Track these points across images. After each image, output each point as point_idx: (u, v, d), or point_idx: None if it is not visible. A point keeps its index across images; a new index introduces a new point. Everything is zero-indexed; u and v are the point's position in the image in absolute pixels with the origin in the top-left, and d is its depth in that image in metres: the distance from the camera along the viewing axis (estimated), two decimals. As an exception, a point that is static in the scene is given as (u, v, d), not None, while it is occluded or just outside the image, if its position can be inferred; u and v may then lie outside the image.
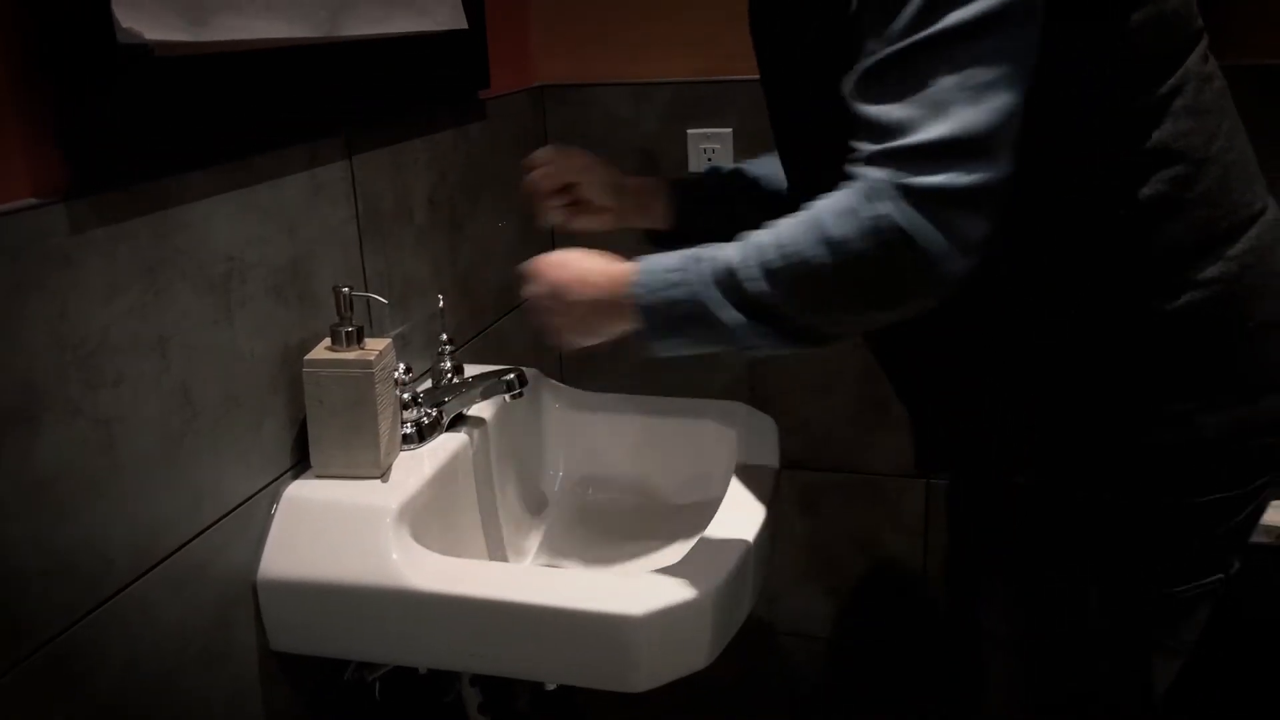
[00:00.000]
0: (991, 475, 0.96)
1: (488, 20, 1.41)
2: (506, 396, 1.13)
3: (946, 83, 0.72)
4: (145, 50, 0.82)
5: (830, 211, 0.77)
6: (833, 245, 0.76)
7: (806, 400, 1.67)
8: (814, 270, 0.78)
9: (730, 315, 0.82)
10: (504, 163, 1.52)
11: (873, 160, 0.75)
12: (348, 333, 1.01)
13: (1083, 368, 0.87)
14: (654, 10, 1.58)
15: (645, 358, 0.91)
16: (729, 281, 0.82)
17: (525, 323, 1.59)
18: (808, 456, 1.70)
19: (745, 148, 1.59)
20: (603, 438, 1.32)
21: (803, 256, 0.78)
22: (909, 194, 0.73)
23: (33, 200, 0.76)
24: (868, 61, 0.76)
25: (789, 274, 0.79)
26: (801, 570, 1.77)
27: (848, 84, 0.78)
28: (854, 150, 0.77)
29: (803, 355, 1.65)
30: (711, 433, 1.26)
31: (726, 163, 1.42)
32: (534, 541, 1.25)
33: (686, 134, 1.61)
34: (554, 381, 1.36)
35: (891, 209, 0.73)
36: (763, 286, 0.80)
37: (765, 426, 1.23)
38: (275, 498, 1.00)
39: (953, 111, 0.72)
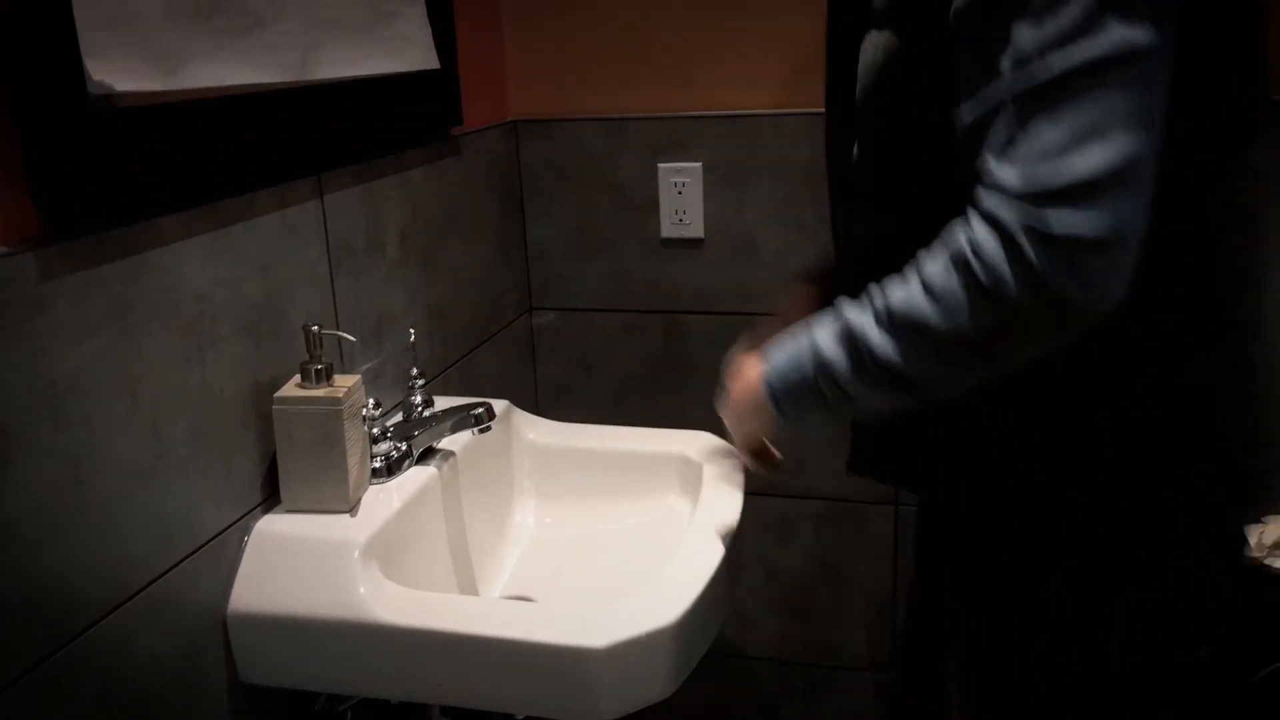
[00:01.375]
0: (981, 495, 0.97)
1: (461, 57, 1.44)
2: (474, 430, 1.15)
3: (1068, 130, 0.72)
4: (116, 100, 0.85)
5: (947, 265, 0.78)
6: (958, 300, 0.77)
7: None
8: (933, 328, 0.79)
9: (853, 388, 0.85)
10: (477, 196, 1.55)
11: (999, 206, 0.75)
12: (317, 370, 1.03)
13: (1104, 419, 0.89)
14: (627, 47, 1.61)
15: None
16: (849, 351, 0.85)
17: (499, 355, 1.62)
18: (779, 483, 1.72)
19: (714, 180, 1.62)
20: (572, 469, 1.34)
21: (922, 316, 0.79)
22: (1042, 241, 0.73)
23: (3, 249, 0.78)
24: (988, 103, 0.76)
25: (909, 336, 0.81)
26: (773, 596, 1.79)
27: (963, 118, 0.79)
28: (976, 193, 0.77)
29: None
30: (677, 463, 1.28)
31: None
32: (503, 573, 1.27)
33: (657, 167, 1.64)
34: (525, 413, 1.38)
35: (1023, 257, 0.73)
36: (886, 351, 0.82)
37: (730, 456, 1.26)
38: (246, 532, 1.02)
39: (1079, 157, 0.72)
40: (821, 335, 0.88)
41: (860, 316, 0.85)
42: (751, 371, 0.97)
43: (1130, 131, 0.72)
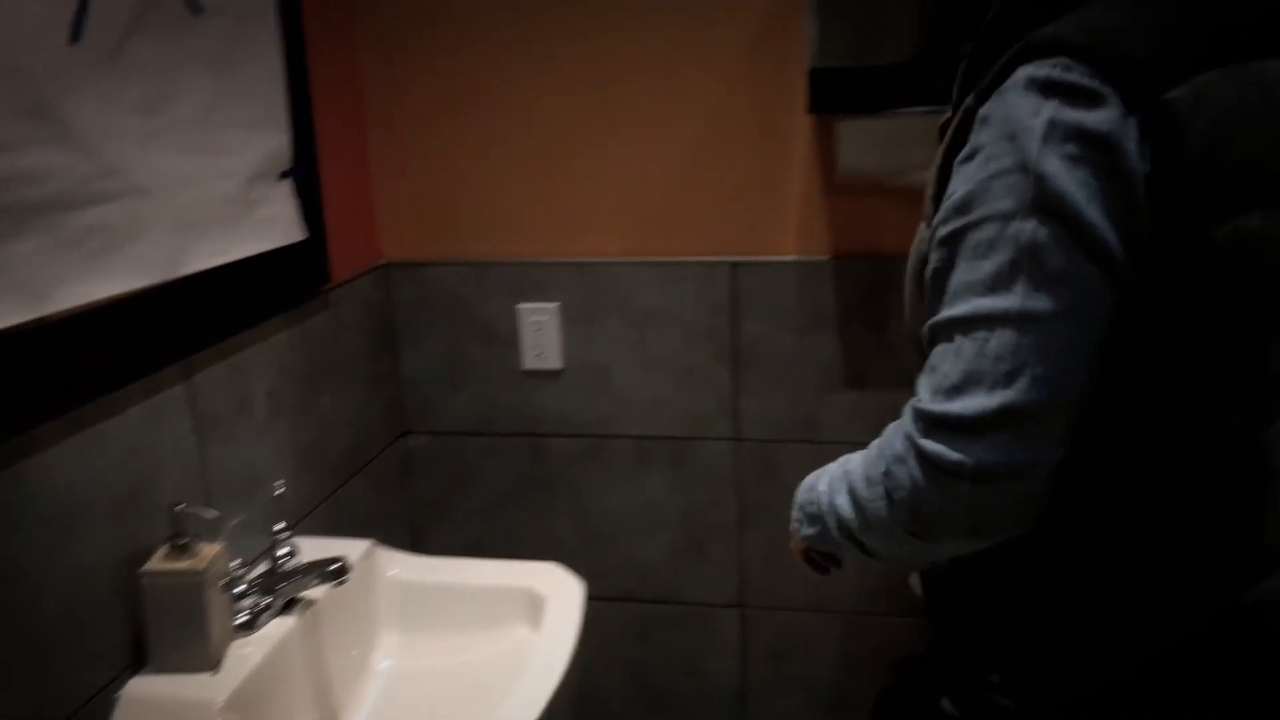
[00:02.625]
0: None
1: (330, 215, 1.58)
2: (331, 584, 1.28)
3: (961, 368, 0.81)
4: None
5: (874, 454, 0.90)
6: (876, 489, 0.88)
7: (637, 540, 1.86)
8: (875, 514, 0.90)
9: (845, 539, 0.96)
10: (348, 341, 1.68)
11: (909, 415, 0.85)
12: (180, 545, 1.15)
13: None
14: (490, 195, 1.77)
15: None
16: (844, 503, 0.95)
17: (371, 482, 1.74)
18: (636, 589, 1.88)
19: (570, 320, 1.78)
20: (430, 604, 1.47)
21: (861, 499, 0.91)
22: (923, 461, 0.82)
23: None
24: (932, 320, 0.85)
25: (869, 515, 0.91)
26: (633, 694, 1.93)
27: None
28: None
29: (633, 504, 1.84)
30: (524, 596, 1.42)
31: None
32: (361, 713, 1.39)
33: (518, 309, 1.79)
34: (388, 550, 1.51)
35: (912, 469, 0.83)
36: (849, 518, 0.94)
37: (573, 588, 1.41)
38: (116, 697, 1.14)
39: (965, 398, 0.80)
40: (831, 482, 0.98)
41: (846, 477, 0.95)
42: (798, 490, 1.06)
43: (1014, 384, 0.78)
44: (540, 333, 1.79)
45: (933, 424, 0.82)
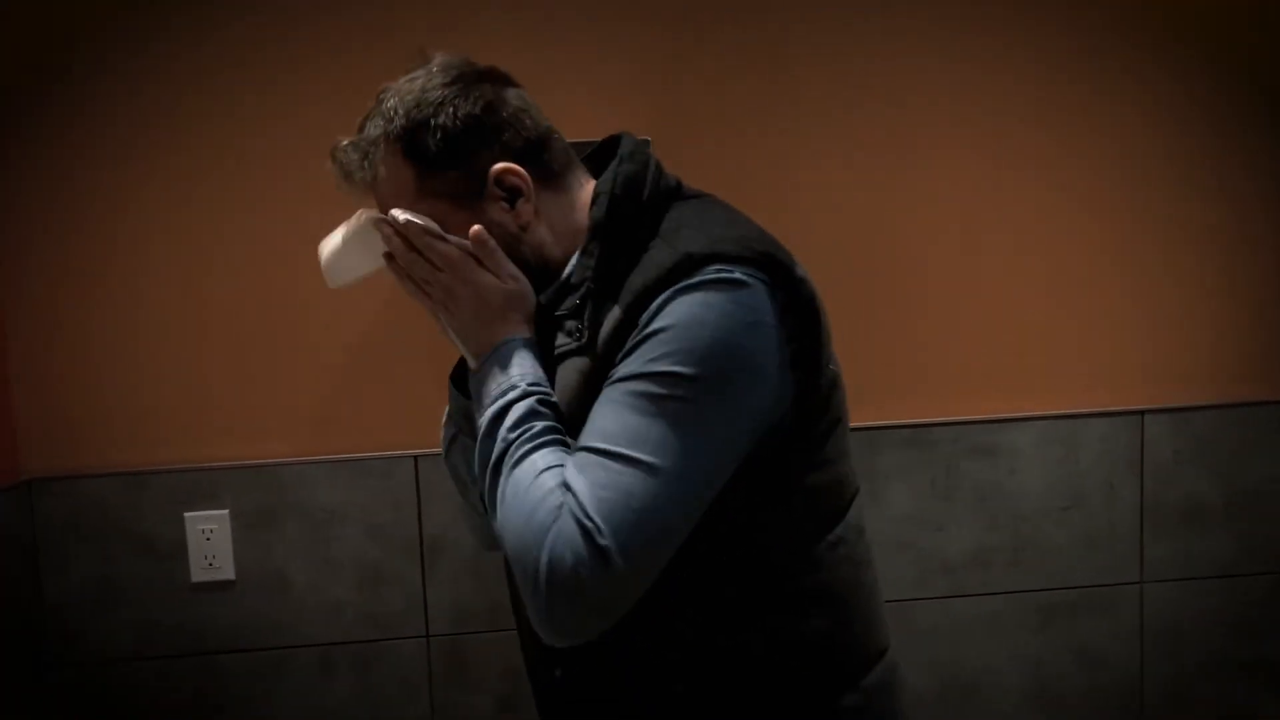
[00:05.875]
0: None
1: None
2: None
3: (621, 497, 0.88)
4: None
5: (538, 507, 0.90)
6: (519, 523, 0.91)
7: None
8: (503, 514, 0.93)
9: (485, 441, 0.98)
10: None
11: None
12: None
13: None
14: (145, 400, 1.69)
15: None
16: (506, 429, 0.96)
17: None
18: None
19: (242, 526, 1.70)
20: None
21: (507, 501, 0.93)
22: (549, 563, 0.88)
23: None
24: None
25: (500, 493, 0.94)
26: None
27: None
28: None
29: None
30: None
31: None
32: None
33: (185, 517, 1.69)
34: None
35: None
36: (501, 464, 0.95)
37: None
38: None
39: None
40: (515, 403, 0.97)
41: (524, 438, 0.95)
42: (505, 315, 1.03)
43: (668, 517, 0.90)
44: (210, 541, 1.69)
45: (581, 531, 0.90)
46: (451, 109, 1.01)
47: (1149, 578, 1.87)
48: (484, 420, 0.98)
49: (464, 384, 1.11)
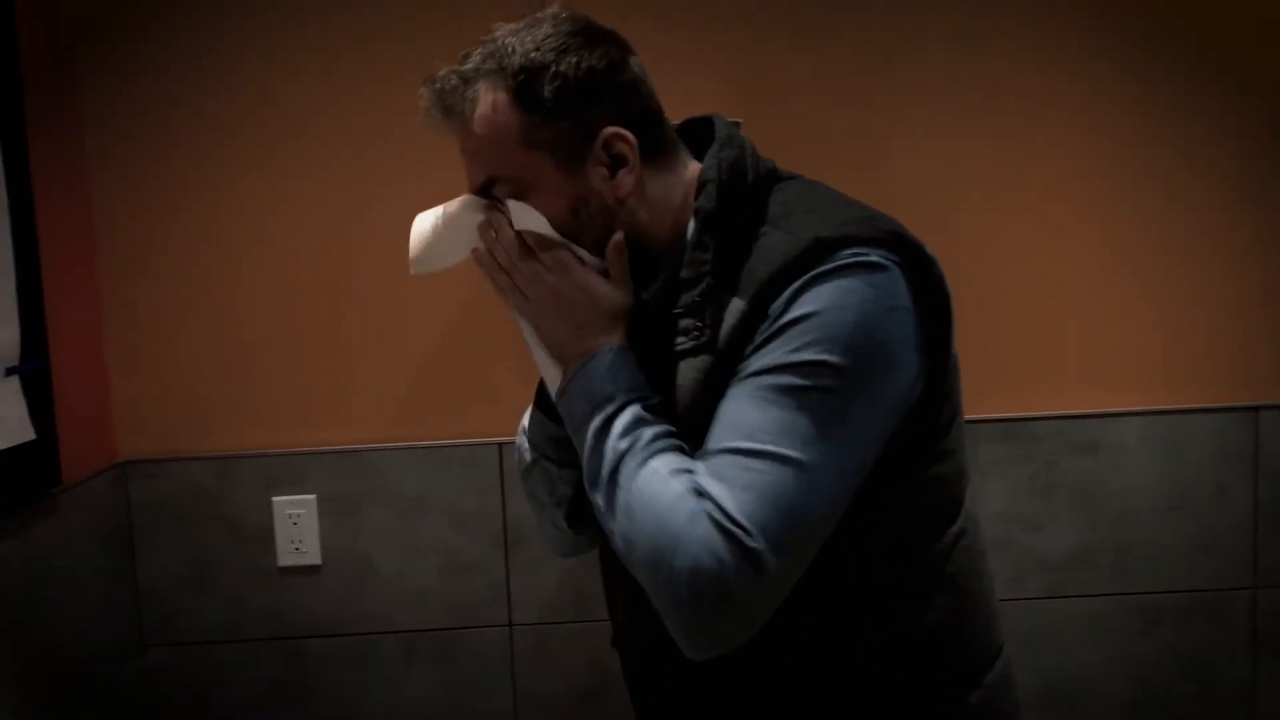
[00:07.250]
0: None
1: (61, 413, 1.46)
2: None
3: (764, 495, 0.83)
4: None
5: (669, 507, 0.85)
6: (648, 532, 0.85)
7: (402, 744, 1.74)
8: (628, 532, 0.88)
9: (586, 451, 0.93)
10: (78, 548, 1.53)
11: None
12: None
13: None
14: (234, 386, 1.70)
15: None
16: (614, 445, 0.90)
17: (106, 704, 1.55)
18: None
19: (328, 511, 1.71)
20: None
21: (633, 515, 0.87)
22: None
23: None
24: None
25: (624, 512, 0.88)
26: None
27: None
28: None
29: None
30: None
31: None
32: None
33: (272, 501, 1.71)
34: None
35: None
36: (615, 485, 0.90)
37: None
38: None
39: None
40: (624, 414, 0.92)
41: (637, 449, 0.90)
42: (598, 325, 0.98)
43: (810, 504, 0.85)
44: (297, 526, 1.71)
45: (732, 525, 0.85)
46: (575, 58, 0.94)
47: (1263, 583, 1.77)
48: (588, 434, 0.93)
49: (547, 407, 1.06)
